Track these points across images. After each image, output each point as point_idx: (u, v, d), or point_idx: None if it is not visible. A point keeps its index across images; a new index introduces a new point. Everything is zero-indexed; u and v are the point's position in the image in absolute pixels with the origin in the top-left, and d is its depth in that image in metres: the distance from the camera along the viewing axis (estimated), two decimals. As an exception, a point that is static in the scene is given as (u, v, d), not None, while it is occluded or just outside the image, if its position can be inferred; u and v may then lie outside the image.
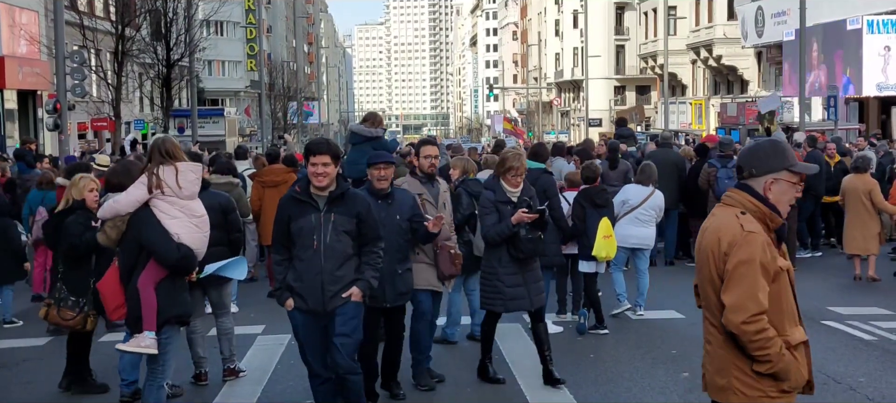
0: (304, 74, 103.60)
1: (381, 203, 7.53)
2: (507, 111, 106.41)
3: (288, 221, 6.67)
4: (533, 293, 8.31)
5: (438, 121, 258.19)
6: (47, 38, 31.38)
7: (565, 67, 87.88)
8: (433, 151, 8.47)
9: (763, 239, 4.19)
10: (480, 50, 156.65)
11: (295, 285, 6.68)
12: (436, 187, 8.44)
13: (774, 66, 49.42)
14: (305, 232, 6.59)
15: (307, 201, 6.63)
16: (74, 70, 27.27)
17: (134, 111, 45.29)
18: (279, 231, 6.78)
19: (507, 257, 8.18)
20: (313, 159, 6.58)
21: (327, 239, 6.57)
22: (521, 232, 8.10)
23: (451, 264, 8.22)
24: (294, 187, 6.81)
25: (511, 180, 8.30)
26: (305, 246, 6.60)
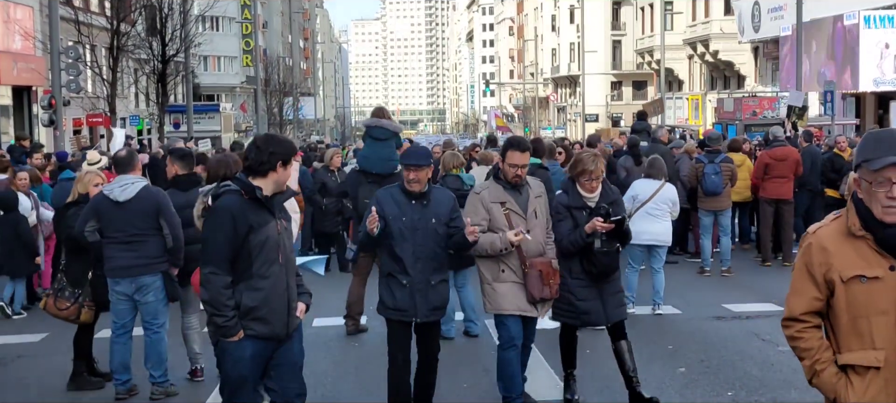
0: (300, 70, 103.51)
1: (414, 204, 6.87)
2: (502, 107, 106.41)
3: (246, 233, 5.44)
4: (610, 306, 7.54)
5: (434, 117, 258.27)
6: (42, 34, 31.27)
7: (562, 63, 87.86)
8: (521, 160, 7.16)
9: (817, 242, 3.91)
10: (477, 45, 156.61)
11: (257, 309, 5.53)
12: (524, 194, 7.25)
13: (771, 60, 49.42)
14: (270, 244, 5.52)
15: (266, 206, 5.55)
16: (69, 66, 27.20)
17: (129, 107, 45.18)
18: (227, 246, 5.43)
19: (579, 267, 7.45)
20: (294, 161, 5.84)
21: (286, 250, 5.66)
22: (595, 243, 7.36)
23: (540, 284, 7.15)
24: (235, 189, 5.55)
25: (586, 184, 7.47)
26: (269, 261, 5.53)
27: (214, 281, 5.43)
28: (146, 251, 8.00)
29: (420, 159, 6.91)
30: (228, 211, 5.45)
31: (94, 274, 8.37)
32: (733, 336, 10.09)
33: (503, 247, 7.01)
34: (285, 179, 5.64)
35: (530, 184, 7.27)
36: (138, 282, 8.04)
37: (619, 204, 7.70)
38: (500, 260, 7.12)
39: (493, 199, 7.14)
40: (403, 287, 6.87)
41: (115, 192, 8.00)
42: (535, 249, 7.16)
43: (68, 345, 8.76)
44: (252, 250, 5.45)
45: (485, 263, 7.21)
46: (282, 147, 5.61)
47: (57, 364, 9.15)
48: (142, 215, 7.97)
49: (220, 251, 5.45)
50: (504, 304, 7.14)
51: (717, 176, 13.91)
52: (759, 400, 7.82)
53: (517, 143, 7.20)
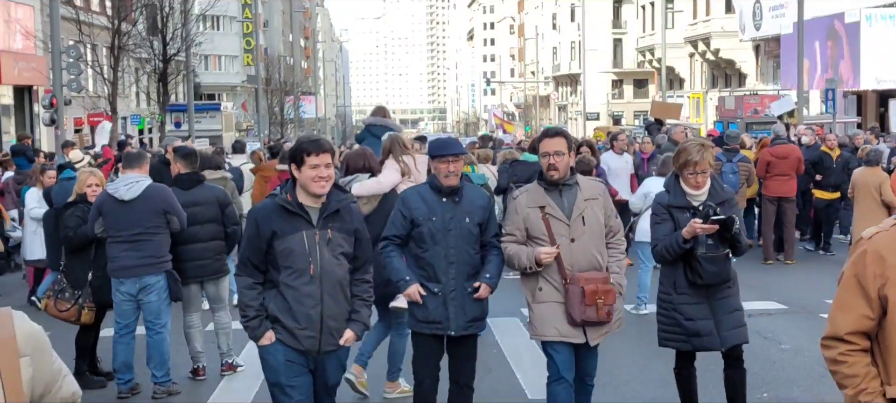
0: (301, 69, 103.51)
1: (445, 201, 6.18)
2: (503, 105, 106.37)
3: (270, 238, 5.22)
4: (725, 327, 6.38)
5: (435, 116, 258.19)
6: (43, 33, 31.29)
7: (563, 61, 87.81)
8: (552, 146, 6.06)
9: (874, 249, 3.31)
10: (477, 44, 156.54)
11: (285, 320, 5.28)
12: (570, 196, 6.09)
13: (772, 58, 49.39)
14: (298, 253, 5.20)
15: (298, 213, 5.23)
16: (70, 65, 27.20)
17: (130, 106, 45.20)
18: (254, 249, 5.29)
19: (684, 281, 6.35)
20: (313, 159, 5.19)
21: (325, 263, 5.24)
22: (697, 249, 6.23)
23: (582, 303, 5.93)
24: (280, 194, 5.35)
25: (690, 179, 6.35)
26: (298, 271, 5.21)
27: (239, 280, 5.39)
28: (150, 250, 8.02)
29: (456, 148, 6.24)
30: (254, 213, 5.43)
31: (94, 274, 8.38)
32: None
33: (529, 265, 5.98)
34: (303, 180, 5.24)
35: (581, 185, 6.15)
36: (142, 282, 8.05)
37: (730, 204, 6.49)
38: (538, 275, 6.07)
39: (531, 203, 6.09)
40: (435, 295, 6.17)
41: (121, 191, 8.01)
42: (582, 261, 6.02)
43: (70, 345, 8.76)
44: (278, 257, 5.23)
45: (523, 279, 6.23)
46: (293, 146, 5.42)
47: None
48: (148, 213, 8.00)
49: (244, 251, 5.40)
50: (543, 329, 6.10)
51: (735, 175, 13.84)
52: (761, 398, 7.81)
53: (548, 129, 6.29)
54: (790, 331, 10.08)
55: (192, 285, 8.62)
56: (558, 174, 6.02)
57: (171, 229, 8.14)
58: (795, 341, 9.64)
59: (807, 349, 9.23)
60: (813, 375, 8.39)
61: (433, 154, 6.25)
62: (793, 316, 10.86)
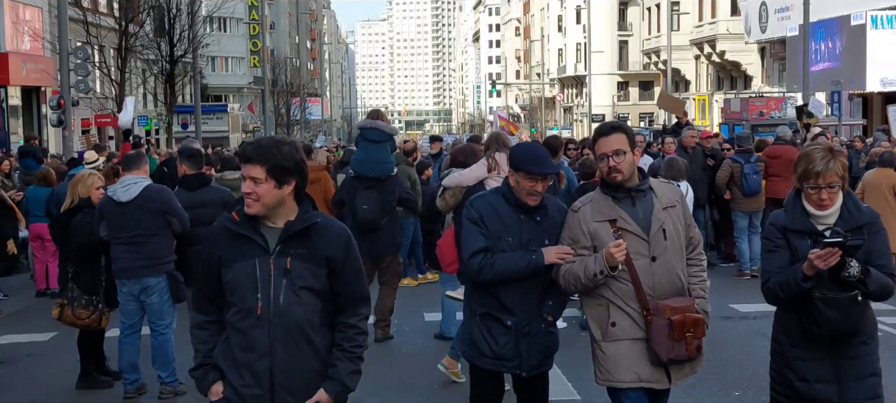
0: (307, 71, 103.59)
1: (524, 218, 5.26)
2: (509, 107, 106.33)
3: (218, 265, 4.16)
4: (852, 393, 4.83)
5: (441, 117, 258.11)
6: (51, 35, 31.41)
7: (568, 63, 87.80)
8: (615, 143, 4.95)
9: None
10: (483, 45, 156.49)
11: (228, 373, 4.18)
12: (644, 205, 5.00)
13: (778, 61, 49.36)
14: (244, 287, 4.08)
15: (249, 236, 4.11)
16: (78, 66, 27.26)
17: (137, 107, 45.33)
18: (207, 279, 4.24)
19: (799, 329, 4.87)
20: (245, 169, 4.12)
21: (280, 300, 4.07)
22: (816, 293, 4.66)
23: (669, 339, 4.83)
24: (228, 216, 4.23)
25: (812, 195, 4.74)
26: (244, 310, 4.10)
27: (191, 316, 4.35)
28: (150, 252, 8.01)
29: (550, 167, 5.34)
30: (208, 234, 4.32)
31: (106, 277, 8.39)
32: (740, 336, 10.11)
33: (599, 271, 4.85)
34: (273, 200, 4.09)
35: (656, 190, 5.05)
36: (142, 283, 8.06)
37: (872, 229, 4.80)
38: (609, 306, 4.94)
39: (598, 217, 4.97)
40: (507, 330, 5.27)
41: (119, 193, 8.02)
42: (665, 284, 4.92)
43: (75, 345, 8.80)
44: (224, 290, 4.17)
45: (590, 310, 5.08)
46: (275, 153, 4.09)
47: (66, 363, 9.19)
48: (146, 215, 7.98)
49: (199, 281, 4.38)
50: (619, 374, 4.95)
51: (758, 175, 13.76)
52: (765, 400, 7.83)
53: (602, 126, 5.13)
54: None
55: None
56: (622, 176, 4.91)
57: (173, 230, 8.15)
58: (799, 343, 9.66)
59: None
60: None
61: (520, 167, 5.24)
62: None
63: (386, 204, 9.86)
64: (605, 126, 5.12)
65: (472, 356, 5.46)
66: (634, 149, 5.01)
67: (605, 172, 4.95)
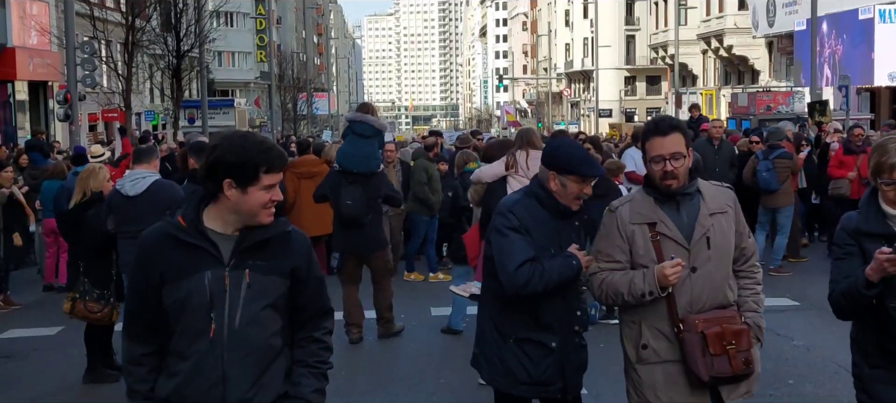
0: (314, 65, 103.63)
1: (564, 222, 4.78)
2: (516, 102, 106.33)
3: (159, 283, 3.49)
4: None
5: (448, 112, 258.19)
6: (58, 29, 31.45)
7: (575, 58, 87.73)
8: (674, 145, 4.34)
9: None
10: (490, 40, 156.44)
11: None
12: (690, 209, 4.43)
13: (786, 55, 49.24)
14: (195, 303, 3.46)
15: (201, 245, 3.48)
16: (85, 61, 27.33)
17: (144, 102, 45.38)
18: (140, 301, 3.58)
19: (876, 348, 4.21)
20: (268, 178, 3.48)
21: (236, 320, 3.48)
22: (891, 303, 4.06)
23: (703, 354, 4.29)
24: (170, 220, 3.60)
25: (888, 192, 4.12)
26: (193, 331, 3.48)
27: (125, 350, 3.66)
28: None
29: (597, 167, 4.91)
30: (140, 245, 3.59)
31: (116, 270, 8.40)
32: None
33: (649, 291, 4.31)
34: (248, 208, 3.47)
35: (704, 193, 4.46)
36: None
37: None
38: (641, 325, 4.44)
39: (637, 219, 4.43)
40: (550, 352, 4.76)
41: (126, 187, 8.03)
42: (705, 297, 4.38)
43: (82, 339, 8.80)
44: (168, 311, 3.50)
45: (624, 328, 4.58)
46: (235, 154, 3.44)
47: (73, 357, 9.19)
48: (153, 209, 7.96)
49: (128, 303, 3.71)
50: (653, 399, 4.45)
51: (769, 172, 13.41)
52: (773, 394, 7.81)
53: (658, 123, 4.46)
54: (802, 328, 10.06)
55: None
56: (678, 183, 4.36)
57: None
58: (808, 337, 9.63)
59: (819, 345, 9.22)
60: (826, 372, 8.40)
61: (569, 168, 4.70)
62: (805, 312, 10.84)
63: (371, 201, 9.63)
64: (662, 123, 4.43)
65: (505, 384, 4.84)
66: (689, 151, 4.45)
67: (659, 177, 4.34)
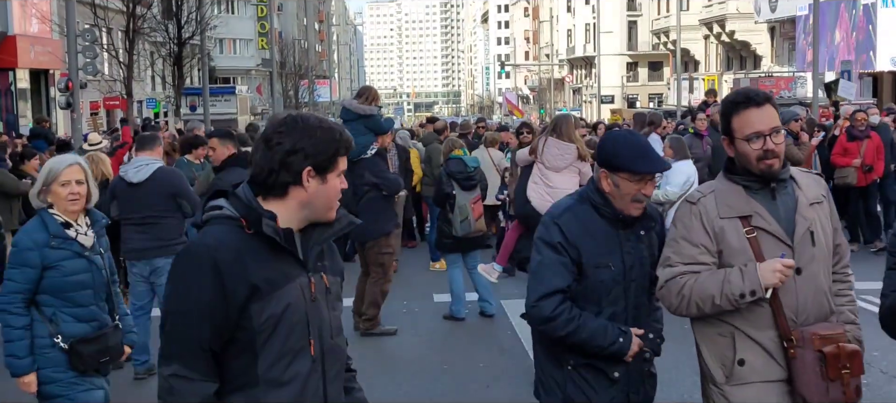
0: (316, 53, 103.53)
1: (624, 234, 3.99)
2: (518, 88, 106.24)
3: (245, 301, 2.89)
4: None
5: (450, 99, 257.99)
6: (59, 17, 31.44)
7: (577, 44, 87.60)
8: (771, 119, 3.68)
9: None
10: (492, 27, 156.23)
11: None
12: (789, 197, 3.74)
13: (788, 40, 49.16)
14: (294, 318, 2.97)
15: (288, 249, 3.00)
16: (86, 48, 27.27)
17: (146, 89, 45.38)
18: (203, 325, 2.88)
19: None
20: (342, 163, 3.07)
21: (331, 333, 3.09)
22: None
23: (821, 378, 3.57)
24: (235, 218, 3.02)
25: None
26: (292, 351, 2.97)
27: (182, 393, 2.89)
28: (160, 233, 8.03)
29: (657, 161, 4.03)
30: (209, 258, 2.89)
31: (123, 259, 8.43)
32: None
33: (749, 290, 3.57)
34: (325, 200, 3.03)
35: (798, 181, 3.78)
36: (153, 264, 8.08)
37: None
38: (734, 336, 3.70)
39: (727, 211, 3.69)
40: (612, 383, 4.05)
41: (130, 173, 8.05)
42: (811, 305, 3.67)
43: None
44: (256, 332, 2.91)
45: (707, 341, 3.81)
46: (313, 139, 2.99)
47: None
48: (157, 196, 8.01)
49: (188, 336, 2.90)
50: None
51: None
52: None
53: (748, 95, 3.74)
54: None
55: None
56: (779, 164, 3.67)
57: (183, 213, 8.17)
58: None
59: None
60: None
61: (622, 165, 3.92)
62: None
63: (356, 189, 9.49)
64: (757, 95, 3.72)
65: None
66: None
67: (757, 157, 3.64)
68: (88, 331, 5.13)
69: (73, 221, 5.13)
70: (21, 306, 5.02)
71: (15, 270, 5.03)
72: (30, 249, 5.00)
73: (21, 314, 5.01)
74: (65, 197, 5.07)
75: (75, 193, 5.08)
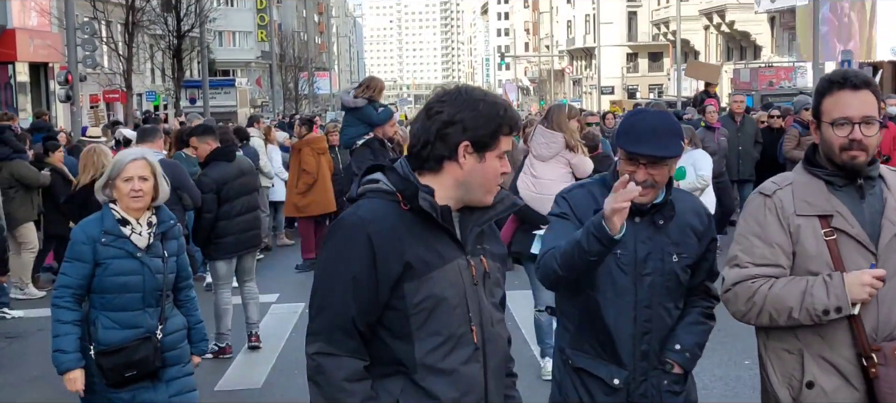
0: (315, 45, 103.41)
1: (640, 222, 3.56)
2: (518, 80, 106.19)
3: (398, 279, 2.75)
4: None
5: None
6: (58, 10, 31.39)
7: (577, 35, 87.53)
8: (865, 105, 3.26)
9: None
10: (491, 18, 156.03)
11: None
12: (876, 198, 3.32)
13: (788, 31, 49.10)
14: (454, 301, 2.81)
15: (447, 228, 2.82)
16: (85, 42, 27.26)
17: (145, 82, 45.36)
18: (356, 301, 2.75)
19: None
20: (506, 143, 2.85)
21: (491, 320, 2.92)
22: None
23: None
24: (391, 192, 2.83)
25: None
26: (451, 338, 2.81)
27: (328, 370, 2.75)
28: None
29: (655, 144, 3.45)
30: (361, 231, 2.75)
31: None
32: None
33: (834, 307, 3.16)
34: (482, 180, 2.81)
35: (887, 178, 3.35)
36: None
37: None
38: (803, 355, 3.27)
39: (805, 209, 3.27)
40: (613, 391, 3.61)
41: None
42: (894, 321, 3.24)
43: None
44: (410, 314, 2.75)
45: (773, 357, 3.37)
46: (473, 111, 2.77)
47: (78, 337, 9.22)
48: None
49: (336, 312, 2.75)
50: None
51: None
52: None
53: (846, 77, 3.29)
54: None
55: (227, 261, 8.52)
56: (866, 157, 3.26)
57: (184, 206, 8.16)
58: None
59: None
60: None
61: (619, 142, 3.55)
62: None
63: (350, 177, 9.65)
64: (856, 77, 3.30)
65: None
66: None
67: (841, 146, 3.23)
68: (129, 339, 4.84)
69: (134, 219, 4.90)
70: (70, 300, 4.83)
71: (68, 264, 4.86)
72: (83, 243, 4.81)
73: (69, 308, 4.82)
74: (126, 193, 4.87)
75: (138, 190, 4.87)
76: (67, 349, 4.78)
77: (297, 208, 13.25)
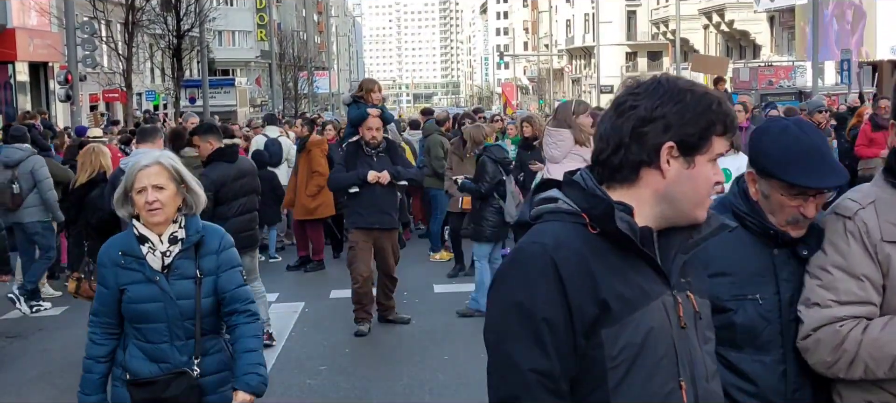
0: (314, 44, 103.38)
1: (777, 254, 2.87)
2: (517, 79, 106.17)
3: (594, 321, 2.14)
4: None
5: (449, 90, 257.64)
6: (58, 10, 31.36)
7: (576, 34, 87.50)
8: None
9: None
10: (490, 17, 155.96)
11: None
12: None
13: (787, 30, 49.10)
14: (660, 350, 2.17)
15: (649, 255, 2.22)
16: (85, 41, 27.28)
17: (145, 82, 45.33)
18: (541, 346, 2.12)
19: None
20: (720, 145, 2.23)
21: (706, 374, 2.29)
22: None
23: None
24: (576, 213, 2.21)
25: None
26: (658, 394, 2.16)
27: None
28: None
29: (830, 175, 2.76)
30: (547, 263, 2.16)
31: None
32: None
33: None
34: (691, 192, 2.21)
35: None
36: None
37: None
38: (876, 387, 2.72)
39: (892, 234, 2.70)
40: None
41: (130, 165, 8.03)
42: None
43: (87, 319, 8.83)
44: (607, 368, 2.16)
45: (842, 388, 2.79)
46: (679, 104, 2.19)
47: (78, 337, 9.14)
48: None
49: (522, 370, 2.14)
50: None
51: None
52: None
53: None
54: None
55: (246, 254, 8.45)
56: None
57: None
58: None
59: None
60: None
61: (775, 171, 2.79)
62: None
63: None
64: None
65: None
66: None
67: None
68: (156, 374, 4.12)
69: (156, 236, 4.10)
70: (97, 331, 4.24)
71: (98, 288, 4.28)
72: (104, 266, 4.17)
73: (95, 341, 4.23)
74: (142, 206, 4.07)
75: (153, 202, 4.04)
76: (87, 391, 4.25)
77: (307, 210, 12.92)
